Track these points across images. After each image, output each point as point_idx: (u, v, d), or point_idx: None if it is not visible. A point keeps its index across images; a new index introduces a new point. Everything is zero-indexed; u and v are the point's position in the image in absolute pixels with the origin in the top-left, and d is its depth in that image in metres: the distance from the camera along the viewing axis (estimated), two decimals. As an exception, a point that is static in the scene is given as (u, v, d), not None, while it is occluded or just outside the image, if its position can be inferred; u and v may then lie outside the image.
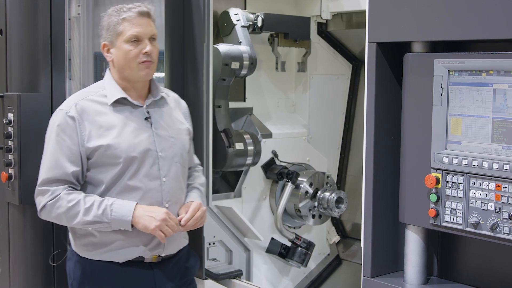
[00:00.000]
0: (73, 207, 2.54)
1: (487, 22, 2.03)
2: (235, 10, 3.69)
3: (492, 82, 2.07)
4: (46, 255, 3.44)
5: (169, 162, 2.68)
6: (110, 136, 2.58)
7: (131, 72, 2.64)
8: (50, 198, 2.56)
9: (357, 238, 4.28)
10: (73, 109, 2.59)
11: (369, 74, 2.36)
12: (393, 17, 2.27)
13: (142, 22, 2.62)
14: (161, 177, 2.65)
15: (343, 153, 4.39)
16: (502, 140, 2.05)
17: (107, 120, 2.61)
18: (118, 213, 2.53)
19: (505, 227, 2.04)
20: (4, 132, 3.31)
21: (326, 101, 4.24)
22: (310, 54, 4.08)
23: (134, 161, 2.59)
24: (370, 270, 2.38)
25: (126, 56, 2.61)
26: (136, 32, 2.60)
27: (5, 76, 3.40)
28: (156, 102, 2.74)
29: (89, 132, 2.57)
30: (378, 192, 2.38)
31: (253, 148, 3.67)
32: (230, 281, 3.51)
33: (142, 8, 2.63)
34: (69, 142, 2.57)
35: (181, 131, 2.79)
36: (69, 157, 2.57)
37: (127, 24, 2.60)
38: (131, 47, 2.60)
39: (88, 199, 2.55)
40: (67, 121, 2.58)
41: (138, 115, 2.67)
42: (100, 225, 2.55)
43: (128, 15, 2.60)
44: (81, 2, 3.71)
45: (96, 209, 2.53)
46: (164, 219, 2.54)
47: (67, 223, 2.61)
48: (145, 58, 2.61)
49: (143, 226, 2.55)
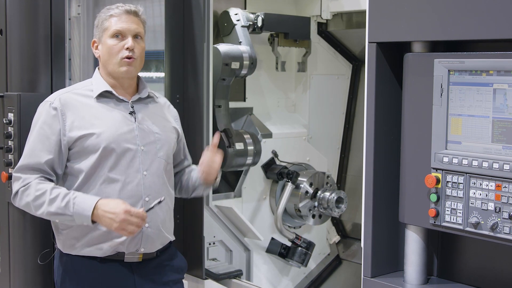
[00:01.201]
0: (40, 197, 2.56)
1: (487, 22, 2.03)
2: (235, 10, 3.69)
3: (492, 82, 2.07)
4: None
5: (152, 157, 2.70)
6: (94, 126, 2.62)
7: (113, 68, 2.68)
8: (21, 185, 2.61)
9: (357, 238, 4.28)
10: (57, 100, 2.65)
11: (369, 74, 2.36)
12: (393, 17, 2.27)
13: (128, 19, 2.68)
14: (142, 171, 2.67)
15: (343, 153, 4.39)
16: (502, 140, 2.05)
17: (90, 111, 2.66)
18: (79, 207, 2.53)
19: (505, 227, 2.04)
20: (4, 132, 3.30)
21: (326, 101, 4.25)
22: (310, 54, 4.08)
23: (112, 152, 2.62)
24: (370, 270, 2.38)
25: (110, 51, 2.67)
26: (120, 27, 2.66)
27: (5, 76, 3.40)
28: (142, 100, 2.78)
29: (72, 122, 2.62)
30: (378, 192, 2.38)
31: (253, 148, 3.67)
32: (230, 281, 3.51)
33: (130, 7, 2.70)
34: (49, 132, 2.62)
35: (166, 128, 2.81)
36: (46, 145, 2.61)
37: (113, 20, 2.68)
38: (115, 42, 2.67)
39: (55, 190, 2.57)
40: (49, 112, 2.63)
41: (123, 109, 2.71)
42: (64, 218, 2.56)
43: (114, 12, 2.68)
44: (81, 2, 3.71)
45: (60, 201, 2.54)
46: (124, 220, 2.49)
47: (34, 212, 2.62)
48: (127, 53, 2.65)
49: (105, 226, 2.56)
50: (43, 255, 3.34)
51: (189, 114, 3.35)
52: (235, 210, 3.59)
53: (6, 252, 3.44)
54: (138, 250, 2.69)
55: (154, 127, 2.75)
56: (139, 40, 2.71)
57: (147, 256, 2.74)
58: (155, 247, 2.75)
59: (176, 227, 2.95)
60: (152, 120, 2.76)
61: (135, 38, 2.69)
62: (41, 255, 3.34)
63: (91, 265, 2.67)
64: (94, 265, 2.67)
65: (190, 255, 3.37)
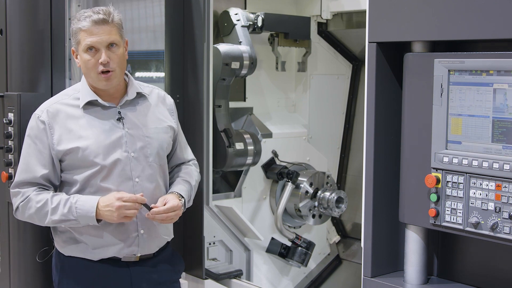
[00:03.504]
0: (42, 208, 2.60)
1: (487, 22, 2.03)
2: (235, 10, 3.69)
3: (492, 82, 2.06)
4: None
5: (143, 163, 2.69)
6: (81, 139, 2.62)
7: (93, 81, 2.65)
8: (21, 200, 2.64)
9: (357, 238, 4.28)
10: (45, 113, 2.64)
11: (369, 74, 2.36)
12: (393, 17, 2.27)
13: (98, 30, 2.57)
14: (134, 178, 2.66)
15: (343, 153, 4.39)
16: (502, 140, 2.05)
17: (78, 123, 2.64)
18: (83, 210, 2.57)
19: (505, 227, 2.04)
20: (4, 132, 3.30)
21: (326, 101, 4.25)
22: (310, 54, 4.08)
23: (103, 166, 2.63)
24: (370, 270, 2.38)
25: (85, 65, 2.62)
26: (90, 42, 2.57)
27: (5, 76, 3.40)
28: (131, 102, 2.73)
29: (59, 136, 2.62)
30: (378, 192, 2.38)
31: (253, 148, 3.67)
32: (230, 281, 3.51)
33: (98, 16, 2.58)
34: (40, 146, 2.63)
35: (159, 129, 2.76)
36: (40, 160, 2.63)
37: (83, 33, 2.59)
38: (89, 57, 2.60)
39: (55, 198, 2.60)
40: (38, 125, 2.64)
41: (110, 116, 2.68)
42: (69, 223, 2.61)
43: (83, 25, 2.58)
44: (81, 2, 3.71)
45: (62, 207, 2.58)
46: (119, 207, 2.54)
47: (39, 223, 2.67)
48: (102, 68, 2.59)
49: (108, 220, 2.60)
50: (41, 253, 3.35)
51: (189, 114, 3.35)
52: (235, 210, 3.59)
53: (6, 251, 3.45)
54: (136, 254, 2.71)
55: (144, 130, 2.71)
56: (115, 49, 2.61)
57: (144, 256, 2.75)
58: (151, 250, 2.76)
59: (176, 227, 2.95)
60: (143, 123, 2.72)
61: (110, 47, 2.59)
62: (39, 253, 3.35)
63: (88, 265, 2.69)
64: (91, 264, 2.68)
65: (190, 255, 3.38)
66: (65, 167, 2.66)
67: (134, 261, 2.73)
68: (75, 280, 2.71)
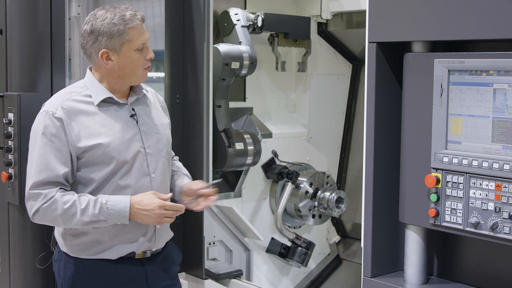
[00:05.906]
0: (69, 209, 2.53)
1: (487, 22, 2.03)
2: (235, 10, 3.69)
3: (492, 82, 2.07)
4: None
5: (156, 158, 2.70)
6: (100, 136, 2.59)
7: (136, 79, 2.66)
8: (44, 202, 2.54)
9: (357, 238, 4.28)
10: (60, 110, 2.57)
11: (369, 74, 2.36)
12: (393, 17, 2.27)
13: (144, 28, 2.64)
14: (151, 174, 2.67)
15: (343, 153, 4.39)
16: (502, 140, 2.05)
17: (93, 120, 2.61)
18: (115, 210, 2.55)
19: (505, 227, 2.04)
20: (4, 132, 3.30)
21: (326, 101, 4.25)
22: (310, 54, 4.08)
23: (125, 162, 2.61)
24: (370, 270, 2.38)
25: (134, 64, 2.61)
26: (143, 40, 2.62)
27: (5, 76, 3.40)
28: (138, 100, 2.75)
29: (78, 133, 2.57)
30: (378, 192, 2.38)
31: (253, 148, 3.67)
32: (230, 281, 3.51)
33: (142, 15, 2.64)
34: (58, 144, 2.56)
35: (164, 125, 2.80)
36: (59, 158, 2.56)
37: (135, 32, 2.59)
38: (139, 55, 2.61)
39: (82, 198, 2.56)
40: (54, 123, 2.56)
41: (124, 113, 2.68)
42: (98, 224, 2.57)
43: (135, 24, 2.59)
44: (81, 2, 3.71)
45: (92, 208, 2.53)
46: (159, 215, 2.55)
47: (63, 225, 2.60)
48: (149, 64, 2.66)
49: (142, 222, 2.60)
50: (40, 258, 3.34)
51: (189, 114, 3.35)
52: (235, 210, 3.59)
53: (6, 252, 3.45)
54: (151, 249, 2.71)
55: (154, 126, 2.74)
56: None
57: (154, 252, 2.76)
58: (162, 244, 2.78)
59: (176, 227, 2.96)
60: (151, 120, 2.75)
61: None
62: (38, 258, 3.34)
63: (104, 266, 2.65)
64: (107, 265, 2.65)
65: (190, 255, 3.38)
66: (82, 165, 2.59)
67: (147, 258, 2.72)
68: (91, 282, 2.65)
